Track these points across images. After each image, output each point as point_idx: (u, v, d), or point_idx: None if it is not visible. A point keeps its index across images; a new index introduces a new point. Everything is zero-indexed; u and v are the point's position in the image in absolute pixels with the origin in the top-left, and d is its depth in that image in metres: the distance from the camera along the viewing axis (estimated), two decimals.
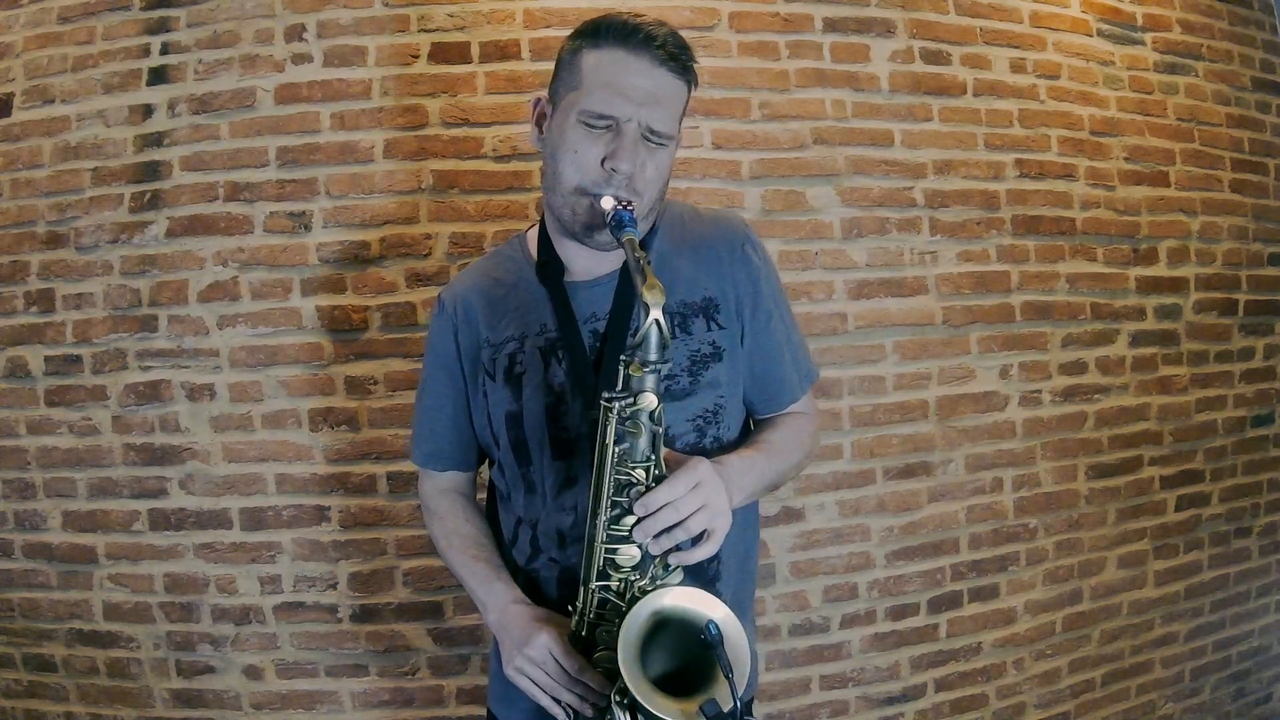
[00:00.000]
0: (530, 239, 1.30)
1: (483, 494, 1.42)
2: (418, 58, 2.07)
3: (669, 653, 1.02)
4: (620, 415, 1.03)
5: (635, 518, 1.04)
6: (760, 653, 1.73)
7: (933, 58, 2.29)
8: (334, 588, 2.05)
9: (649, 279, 0.99)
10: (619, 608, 1.06)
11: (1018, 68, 2.37)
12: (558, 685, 1.10)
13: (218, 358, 2.05)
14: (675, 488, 1.03)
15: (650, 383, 1.02)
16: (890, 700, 2.24)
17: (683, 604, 1.02)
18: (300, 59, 2.06)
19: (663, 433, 1.06)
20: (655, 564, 1.06)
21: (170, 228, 2.05)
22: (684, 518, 1.03)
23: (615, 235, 1.08)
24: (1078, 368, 2.41)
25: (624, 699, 1.00)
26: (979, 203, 2.31)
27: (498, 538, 1.33)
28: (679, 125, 1.18)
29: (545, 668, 1.11)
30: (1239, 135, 2.66)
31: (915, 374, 2.25)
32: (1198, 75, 2.61)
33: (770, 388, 1.28)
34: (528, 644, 1.12)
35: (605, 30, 1.13)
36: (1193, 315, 2.56)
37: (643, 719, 0.98)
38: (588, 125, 1.12)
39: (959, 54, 2.31)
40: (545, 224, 1.27)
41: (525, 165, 2.08)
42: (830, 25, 2.22)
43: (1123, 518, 2.46)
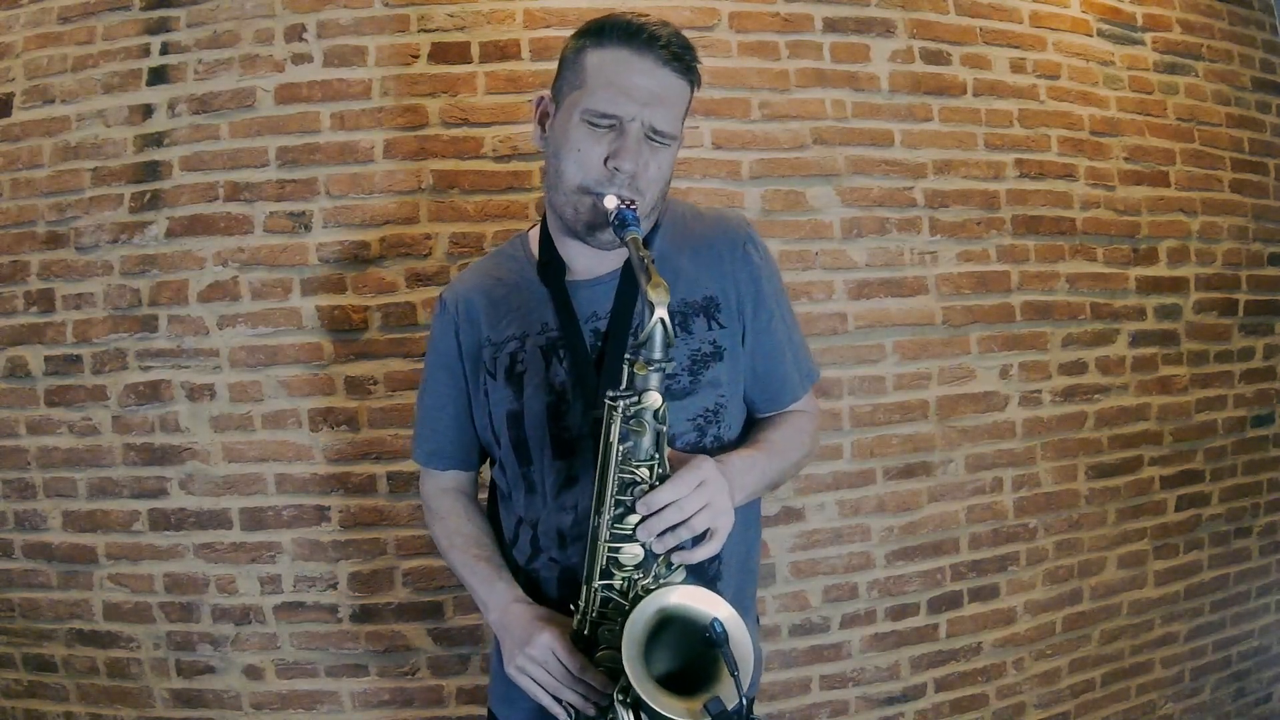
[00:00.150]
0: (532, 238, 1.31)
1: (484, 494, 1.42)
2: (418, 58, 2.07)
3: (672, 652, 1.02)
4: (624, 414, 1.03)
5: (639, 516, 1.04)
6: (762, 651, 1.72)
7: (933, 58, 2.29)
8: (334, 588, 2.05)
9: (654, 278, 0.99)
10: (622, 606, 1.06)
11: (1018, 68, 2.37)
12: (559, 684, 1.10)
13: (218, 358, 2.05)
14: (679, 486, 1.03)
15: (655, 381, 1.02)
16: (890, 700, 2.24)
17: (686, 602, 1.02)
18: (300, 59, 2.06)
19: (667, 431, 1.06)
20: (658, 563, 1.07)
21: (170, 228, 2.06)
22: (687, 517, 1.03)
23: (618, 234, 1.08)
24: (1078, 368, 2.41)
25: (627, 697, 1.00)
26: (979, 203, 2.31)
27: (499, 537, 1.33)
28: (681, 125, 1.18)
29: (547, 667, 1.10)
30: (1239, 135, 2.66)
31: (915, 374, 2.25)
32: (1198, 75, 2.61)
33: (772, 387, 1.28)
34: (529, 643, 1.12)
35: (610, 30, 1.13)
36: (1193, 315, 2.56)
37: (646, 717, 0.98)
38: (591, 124, 1.12)
39: (959, 54, 2.31)
40: (546, 223, 1.27)
41: (525, 165, 2.08)
42: (830, 25, 2.22)
43: (1123, 518, 2.46)
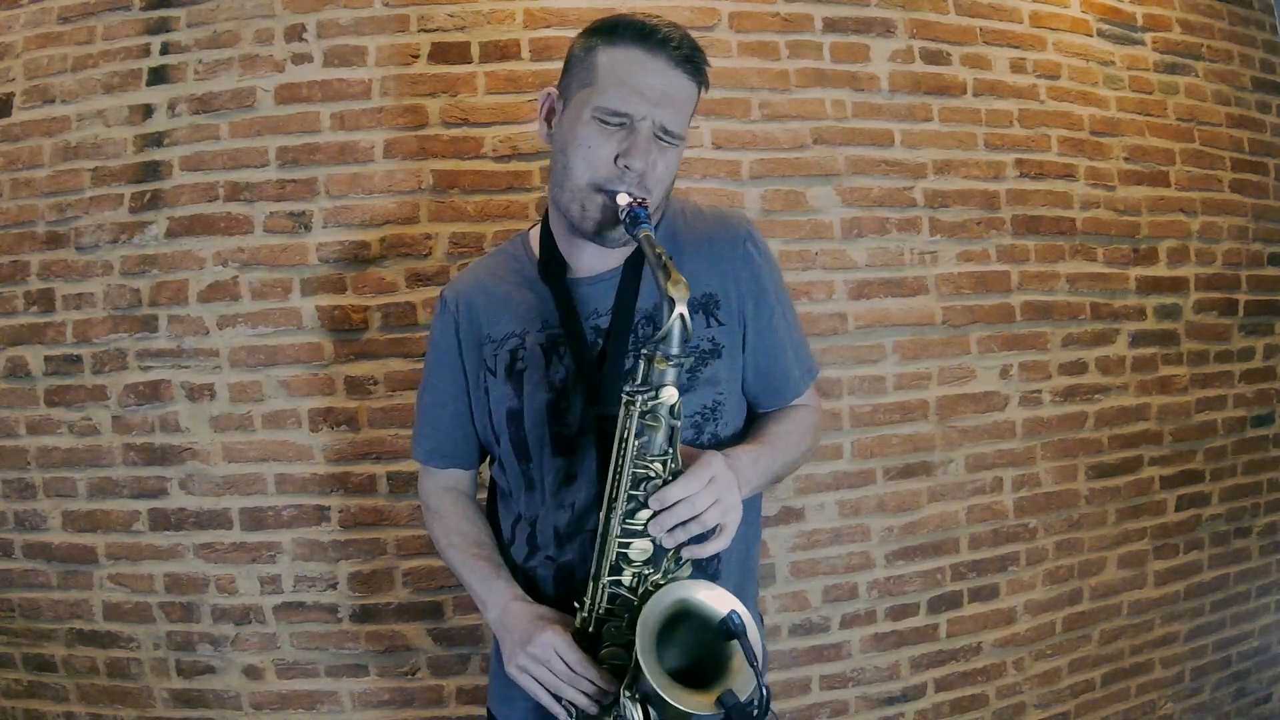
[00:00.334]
0: (532, 238, 1.31)
1: (483, 493, 1.42)
2: (418, 58, 2.07)
3: (679, 648, 1.02)
4: (641, 409, 1.04)
5: (650, 512, 1.04)
6: (766, 650, 1.72)
7: (933, 58, 2.29)
8: (334, 588, 2.05)
9: (673, 274, 1.00)
10: (630, 602, 1.06)
11: (1018, 68, 2.37)
12: (561, 683, 1.10)
13: (218, 358, 2.04)
14: (691, 482, 1.04)
15: (671, 376, 1.03)
16: (890, 700, 2.24)
17: (698, 597, 1.02)
18: (300, 59, 2.06)
19: (680, 426, 1.06)
20: (668, 558, 1.07)
21: (170, 228, 2.05)
22: (699, 512, 1.04)
23: (630, 231, 1.08)
24: (1078, 368, 2.41)
25: (635, 693, 1.00)
26: (979, 203, 2.31)
27: (498, 537, 1.33)
28: (688, 126, 1.19)
29: (549, 665, 1.10)
30: (1239, 135, 2.66)
31: (915, 374, 2.25)
32: (1198, 75, 2.61)
33: (775, 383, 1.28)
34: (531, 641, 1.12)
35: (622, 29, 1.14)
36: (1193, 315, 2.56)
37: (654, 713, 0.98)
38: (602, 121, 1.13)
39: (959, 54, 2.31)
40: (547, 222, 1.27)
41: (525, 165, 2.08)
42: (830, 25, 2.22)
43: (1123, 518, 2.46)
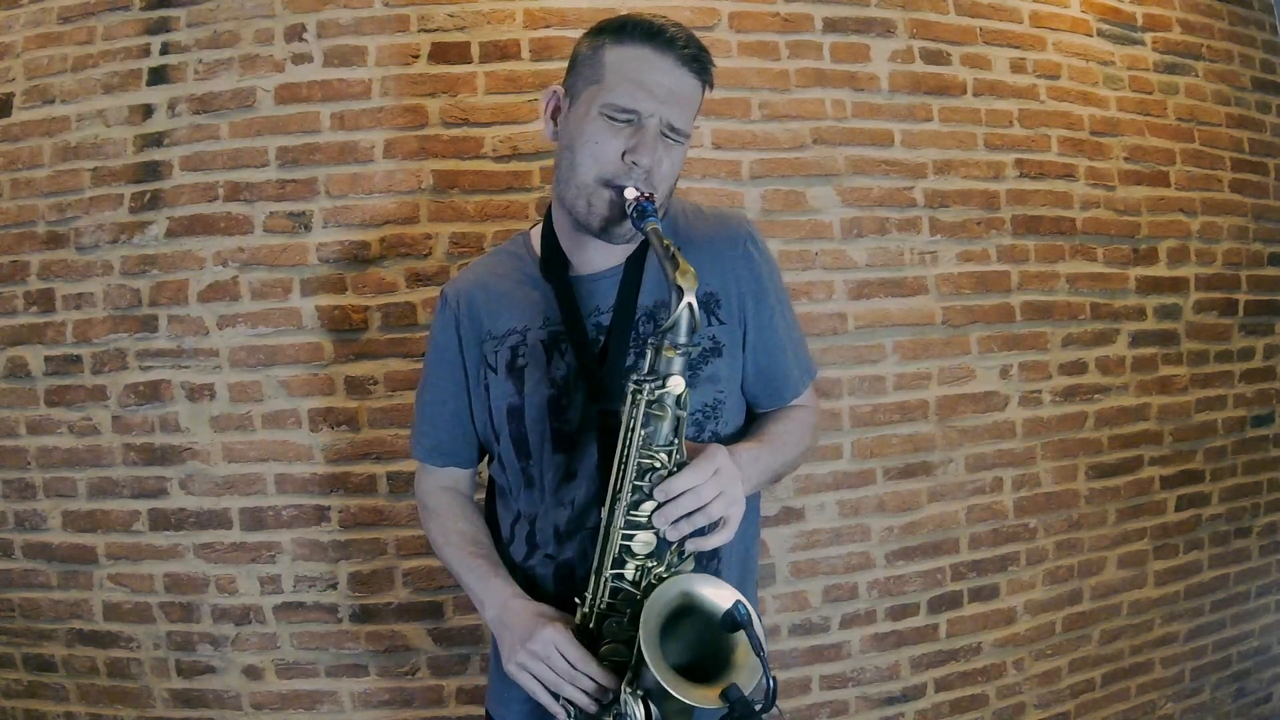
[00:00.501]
0: (534, 236, 1.31)
1: (481, 493, 1.42)
2: (418, 58, 2.07)
3: (680, 643, 1.02)
4: (648, 398, 1.04)
5: (655, 503, 1.04)
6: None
7: (933, 58, 2.29)
8: (334, 588, 2.05)
9: (681, 265, 1.01)
10: (632, 597, 1.06)
11: (1018, 68, 2.37)
12: (561, 680, 1.09)
13: (218, 358, 2.05)
14: (695, 474, 1.04)
15: (679, 366, 1.04)
16: (890, 700, 2.24)
17: (701, 590, 1.02)
18: (300, 59, 2.06)
19: (686, 417, 1.07)
20: (671, 551, 1.07)
21: (170, 228, 2.06)
22: (704, 504, 1.04)
23: (637, 225, 1.09)
24: (1078, 368, 2.41)
25: (637, 689, 0.99)
26: (979, 203, 2.31)
27: (496, 536, 1.33)
28: (693, 124, 1.20)
29: (549, 662, 1.09)
30: (1239, 135, 2.66)
31: (915, 374, 2.25)
32: (1198, 75, 2.61)
33: (774, 383, 1.29)
34: (531, 638, 1.11)
35: (630, 28, 1.15)
36: (1193, 315, 2.56)
37: (655, 709, 0.98)
38: (610, 118, 1.13)
39: (959, 54, 2.31)
40: (549, 221, 1.27)
41: (525, 165, 2.08)
42: (830, 25, 2.22)
43: (1123, 518, 2.46)
